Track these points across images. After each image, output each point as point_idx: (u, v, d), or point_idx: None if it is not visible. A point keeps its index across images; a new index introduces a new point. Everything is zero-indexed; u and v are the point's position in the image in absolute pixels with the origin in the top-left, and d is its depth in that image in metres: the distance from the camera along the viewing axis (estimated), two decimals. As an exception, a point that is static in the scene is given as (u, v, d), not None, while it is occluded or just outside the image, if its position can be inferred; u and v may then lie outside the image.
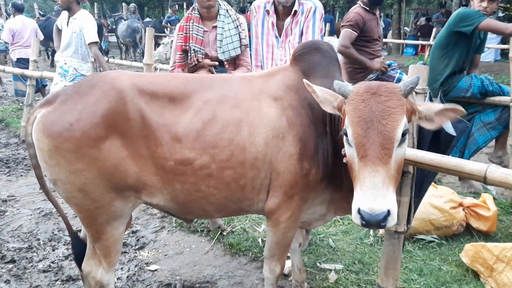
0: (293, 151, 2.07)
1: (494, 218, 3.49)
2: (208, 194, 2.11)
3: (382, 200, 1.64)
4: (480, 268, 2.94)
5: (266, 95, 2.15)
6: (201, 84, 2.16)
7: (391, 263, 2.59)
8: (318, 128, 2.14)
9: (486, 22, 3.91)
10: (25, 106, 6.79)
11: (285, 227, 2.21)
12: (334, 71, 2.23)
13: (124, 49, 16.70)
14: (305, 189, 2.13)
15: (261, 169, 2.09)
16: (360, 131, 1.71)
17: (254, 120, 2.07)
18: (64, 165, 1.96)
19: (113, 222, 2.14)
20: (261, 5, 3.40)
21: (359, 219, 1.67)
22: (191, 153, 2.02)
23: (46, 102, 2.05)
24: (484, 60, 12.38)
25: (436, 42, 4.41)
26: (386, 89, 1.76)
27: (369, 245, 3.46)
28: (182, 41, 3.30)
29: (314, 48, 2.26)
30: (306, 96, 2.11)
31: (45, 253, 3.40)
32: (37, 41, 7.01)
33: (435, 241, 3.44)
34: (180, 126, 2.03)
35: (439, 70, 4.26)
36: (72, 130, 1.92)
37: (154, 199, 2.13)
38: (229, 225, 3.76)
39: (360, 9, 4.49)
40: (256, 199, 2.18)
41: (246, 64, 3.40)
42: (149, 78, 2.15)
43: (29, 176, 5.10)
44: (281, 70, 2.29)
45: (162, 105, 2.05)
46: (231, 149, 2.04)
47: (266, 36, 3.39)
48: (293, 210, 2.17)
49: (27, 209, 4.19)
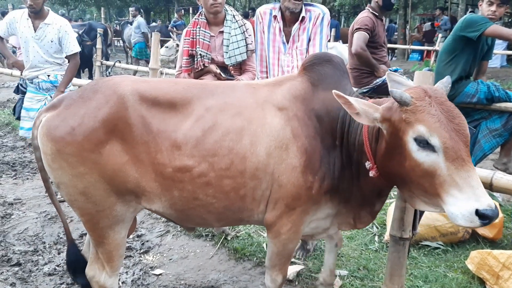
0: (296, 163, 2.02)
1: (500, 225, 3.48)
2: (206, 202, 2.09)
3: (487, 195, 1.65)
4: (486, 275, 2.92)
5: (271, 104, 2.11)
6: (204, 90, 2.14)
7: (396, 269, 2.57)
8: (326, 140, 2.08)
9: (492, 28, 3.90)
10: (31, 109, 6.81)
11: (286, 239, 2.18)
12: (345, 84, 2.18)
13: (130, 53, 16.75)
14: (308, 202, 2.09)
15: (262, 179, 2.05)
16: (446, 135, 1.67)
17: (257, 130, 2.04)
18: (67, 168, 1.99)
19: (115, 226, 2.15)
20: (267, 11, 3.40)
21: (478, 220, 1.60)
22: (190, 160, 2.01)
23: (52, 106, 2.08)
24: (491, 66, 12.33)
25: (443, 47, 4.40)
26: (436, 91, 1.77)
27: (374, 251, 3.45)
28: (188, 46, 3.31)
29: (326, 60, 2.21)
30: (314, 107, 2.09)
31: (51, 256, 3.41)
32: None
33: (441, 247, 3.43)
34: (180, 133, 2.02)
35: (446, 75, 4.25)
36: (74, 134, 1.95)
37: (153, 205, 2.14)
38: (234, 230, 3.76)
39: (370, 14, 4.52)
40: (256, 210, 2.15)
41: (252, 70, 3.41)
42: (151, 83, 2.16)
43: (35, 179, 5.13)
44: (288, 80, 2.24)
45: (163, 111, 2.05)
46: (231, 158, 2.01)
47: (272, 42, 3.39)
48: (294, 222, 2.13)
49: (33, 212, 4.21)
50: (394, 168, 1.84)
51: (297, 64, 3.32)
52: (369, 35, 4.44)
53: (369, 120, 1.83)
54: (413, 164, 1.74)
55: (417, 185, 1.78)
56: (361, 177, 2.07)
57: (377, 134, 1.92)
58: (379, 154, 1.91)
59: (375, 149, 1.94)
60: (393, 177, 1.90)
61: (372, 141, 1.95)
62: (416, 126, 1.71)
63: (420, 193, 1.81)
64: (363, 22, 4.45)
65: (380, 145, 1.90)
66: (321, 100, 2.11)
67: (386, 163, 1.88)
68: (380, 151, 1.89)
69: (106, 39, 12.50)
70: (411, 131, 1.72)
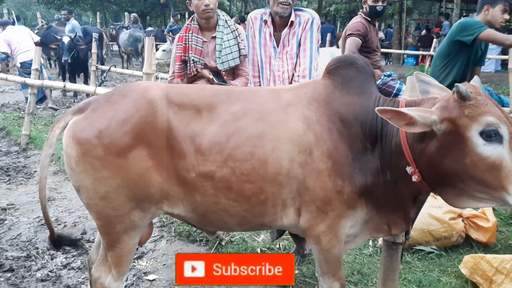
0: (322, 167, 2.00)
1: (493, 229, 3.48)
2: (228, 207, 2.08)
3: None
4: (479, 279, 2.92)
5: (293, 108, 2.09)
6: (229, 96, 2.14)
7: (390, 274, 2.57)
8: (355, 145, 2.04)
9: (486, 32, 3.92)
10: (26, 114, 6.80)
11: (327, 244, 2.13)
12: (370, 86, 2.15)
13: (126, 58, 16.78)
14: (341, 206, 2.05)
15: (284, 184, 2.03)
16: (510, 125, 1.73)
17: (279, 135, 2.03)
18: (90, 172, 1.99)
19: (130, 231, 2.14)
20: (257, 16, 3.43)
21: None
22: (213, 165, 2.01)
23: (78, 109, 2.09)
24: (485, 70, 12.41)
25: (438, 51, 4.44)
26: (477, 88, 1.81)
27: (368, 255, 3.45)
28: (181, 51, 3.32)
29: (349, 63, 2.17)
30: (339, 111, 2.06)
31: (44, 262, 3.39)
32: (39, 50, 7.05)
33: (434, 252, 3.43)
34: (205, 139, 2.02)
35: (440, 79, 4.27)
36: (101, 137, 1.95)
37: (175, 209, 2.14)
38: (228, 235, 3.75)
39: (363, 19, 4.54)
40: (279, 214, 2.12)
41: (245, 74, 3.42)
42: (179, 88, 2.17)
43: (29, 184, 5.11)
44: (312, 84, 2.23)
45: (189, 117, 2.05)
46: (252, 163, 2.01)
47: (263, 46, 3.41)
48: (330, 227, 2.09)
49: (26, 218, 4.19)
50: (448, 168, 1.83)
51: (288, 68, 3.34)
52: (362, 40, 4.45)
53: (425, 125, 1.79)
54: (476, 160, 1.75)
55: (477, 181, 1.79)
56: (399, 182, 2.03)
57: (421, 136, 1.89)
58: (426, 156, 1.89)
59: (418, 151, 1.91)
60: (443, 178, 1.88)
61: (414, 144, 1.92)
62: (483, 119, 1.73)
63: (480, 189, 1.81)
64: (355, 27, 4.47)
65: (428, 147, 1.87)
66: (347, 104, 2.08)
67: (437, 164, 1.85)
68: (429, 153, 1.87)
69: (101, 43, 12.48)
70: (475, 126, 1.74)
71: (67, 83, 6.88)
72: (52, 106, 8.94)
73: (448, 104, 1.81)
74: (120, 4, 30.82)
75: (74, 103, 10.09)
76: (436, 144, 1.84)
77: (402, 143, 1.94)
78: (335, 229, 2.11)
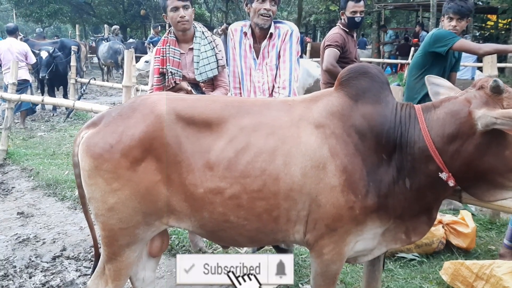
0: (336, 183, 1.94)
1: (473, 235, 3.53)
2: (238, 225, 2.04)
3: None
4: (460, 286, 2.95)
5: (306, 122, 2.03)
6: (239, 109, 2.09)
7: (372, 282, 2.59)
8: (370, 157, 1.99)
9: (460, 43, 4.00)
10: (3, 129, 6.67)
11: (328, 259, 2.09)
12: (386, 95, 2.08)
13: (106, 70, 16.66)
14: (350, 223, 2.00)
15: (297, 200, 1.98)
16: None
17: (291, 149, 1.97)
18: (101, 184, 2.00)
19: (132, 245, 2.13)
20: (237, 28, 3.46)
21: None
22: (222, 182, 1.98)
23: (92, 123, 2.11)
24: (462, 78, 12.64)
25: (413, 62, 4.50)
26: None
27: (351, 264, 3.45)
28: (159, 64, 3.31)
29: (362, 73, 2.11)
30: (354, 123, 2.01)
31: (22, 280, 3.31)
32: (16, 64, 6.93)
33: (416, 259, 3.46)
34: (213, 154, 2.00)
35: (416, 89, 4.34)
36: (112, 152, 1.97)
37: (182, 224, 2.12)
38: (211, 247, 3.72)
39: (340, 30, 4.57)
40: (291, 231, 2.08)
41: (224, 85, 3.42)
42: (189, 101, 2.14)
43: (6, 201, 5.00)
44: (325, 95, 2.16)
45: (198, 131, 2.03)
46: (263, 179, 1.96)
47: (244, 58, 3.43)
48: (336, 243, 2.04)
49: (4, 235, 4.09)
50: (487, 164, 1.85)
51: (268, 79, 3.36)
52: (340, 51, 4.48)
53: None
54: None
55: None
56: (424, 188, 2.00)
57: (452, 138, 1.89)
58: (461, 157, 1.89)
59: (451, 154, 1.91)
60: (480, 175, 1.89)
61: (445, 147, 1.91)
62: None
63: None
64: (333, 38, 4.50)
65: (463, 147, 1.88)
66: (361, 115, 2.03)
67: (476, 163, 1.86)
68: (465, 153, 1.87)
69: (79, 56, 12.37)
70: None
71: (45, 97, 6.84)
72: (22, 126, 8.76)
73: (487, 100, 1.84)
74: (100, 16, 30.69)
75: (53, 117, 9.97)
76: (475, 142, 1.85)
77: (430, 148, 1.92)
78: (340, 245, 2.07)
